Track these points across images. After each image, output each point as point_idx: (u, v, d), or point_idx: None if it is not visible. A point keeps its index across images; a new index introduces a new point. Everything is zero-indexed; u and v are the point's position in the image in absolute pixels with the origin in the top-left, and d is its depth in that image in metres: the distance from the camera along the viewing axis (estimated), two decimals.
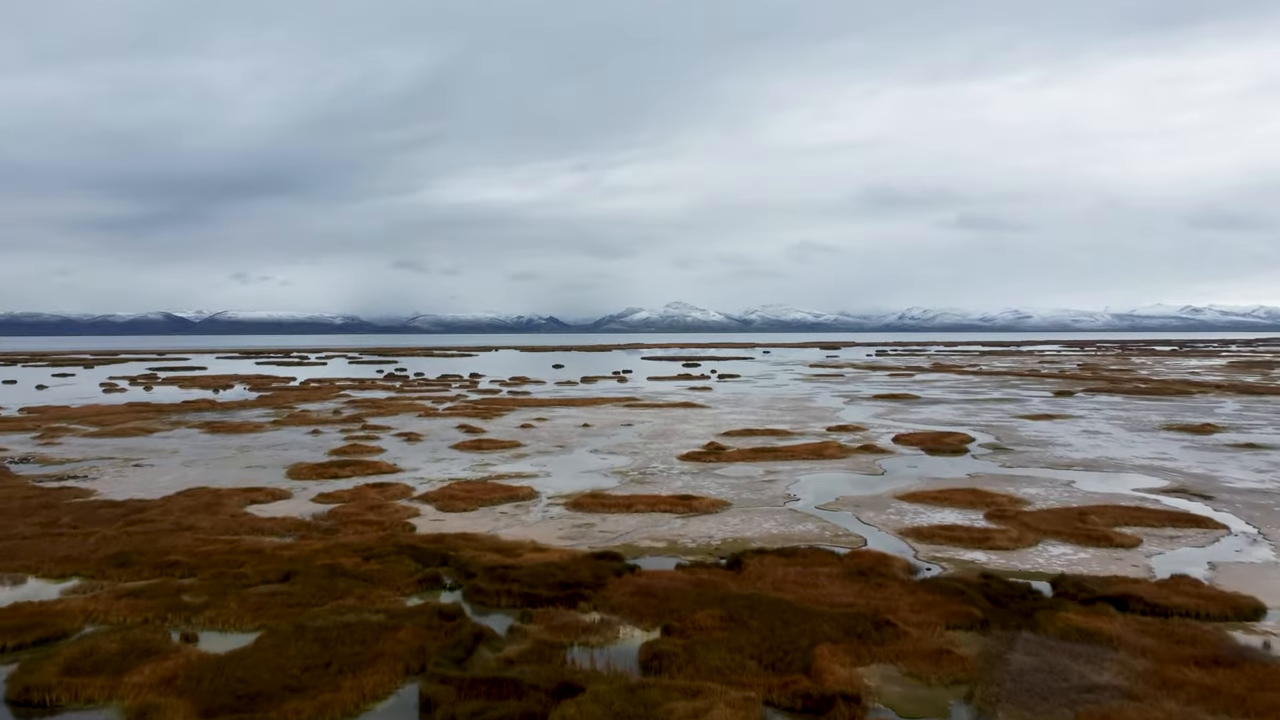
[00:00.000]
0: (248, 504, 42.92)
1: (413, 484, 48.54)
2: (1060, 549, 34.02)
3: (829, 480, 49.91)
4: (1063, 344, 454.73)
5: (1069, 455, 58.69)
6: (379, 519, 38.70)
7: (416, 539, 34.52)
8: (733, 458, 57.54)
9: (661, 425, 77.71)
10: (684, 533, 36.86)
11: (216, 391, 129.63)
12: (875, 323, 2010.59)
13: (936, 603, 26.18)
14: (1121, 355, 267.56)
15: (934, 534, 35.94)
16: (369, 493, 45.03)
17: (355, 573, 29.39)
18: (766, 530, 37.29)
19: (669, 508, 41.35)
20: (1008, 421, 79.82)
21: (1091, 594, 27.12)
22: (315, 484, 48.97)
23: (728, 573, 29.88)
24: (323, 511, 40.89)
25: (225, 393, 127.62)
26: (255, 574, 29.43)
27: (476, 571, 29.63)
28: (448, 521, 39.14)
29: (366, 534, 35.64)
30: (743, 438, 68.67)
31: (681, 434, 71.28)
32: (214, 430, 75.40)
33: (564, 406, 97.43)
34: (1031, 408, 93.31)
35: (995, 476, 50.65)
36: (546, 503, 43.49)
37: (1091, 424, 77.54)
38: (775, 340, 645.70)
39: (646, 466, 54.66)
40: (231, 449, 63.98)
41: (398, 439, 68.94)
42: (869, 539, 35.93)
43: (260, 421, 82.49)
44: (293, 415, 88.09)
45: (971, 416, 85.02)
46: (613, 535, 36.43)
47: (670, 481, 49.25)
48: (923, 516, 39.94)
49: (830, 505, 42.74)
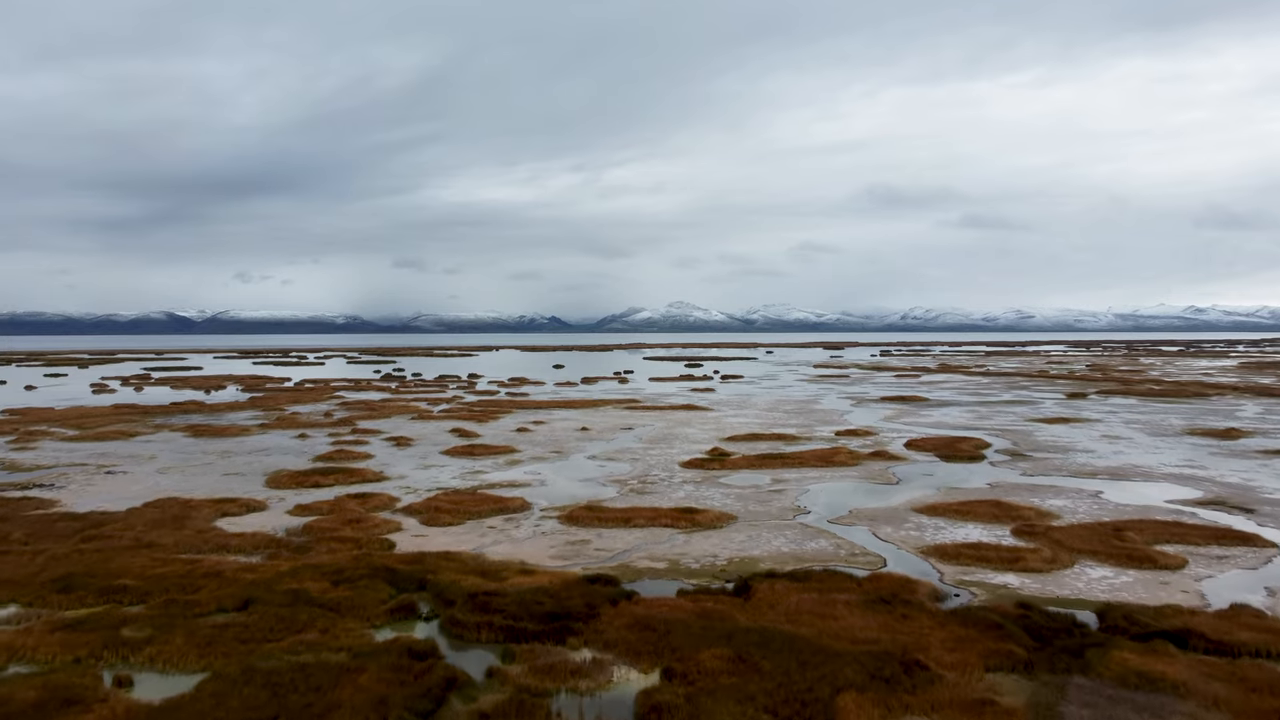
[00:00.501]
0: (218, 517, 39.98)
1: (397, 494, 45.59)
2: (1099, 571, 31.02)
3: (840, 490, 46.92)
4: (1067, 344, 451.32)
5: (1092, 463, 55.65)
6: (356, 535, 35.74)
7: (394, 559, 31.55)
8: (737, 465, 54.57)
9: (663, 429, 74.75)
10: (686, 551, 33.89)
11: (208, 392, 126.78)
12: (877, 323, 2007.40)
13: (971, 638, 23.20)
14: (1129, 356, 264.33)
15: (959, 553, 32.93)
16: (349, 504, 42.08)
17: (321, 600, 26.43)
18: (776, 548, 34.31)
19: (670, 522, 38.37)
20: (1023, 425, 76.78)
21: (1145, 628, 24.14)
22: (294, 494, 46.02)
23: (735, 600, 26.91)
24: (297, 526, 37.94)
25: (217, 394, 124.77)
26: (211, 601, 26.49)
27: (456, 598, 26.67)
28: (430, 537, 36.18)
29: (340, 552, 32.68)
30: (747, 443, 65.69)
31: (683, 439, 68.32)
32: (197, 434, 72.49)
33: (562, 409, 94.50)
34: (1045, 411, 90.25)
35: (1017, 486, 47.62)
36: (539, 516, 40.53)
37: (1110, 428, 74.50)
38: (777, 340, 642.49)
39: (647, 475, 51.71)
40: (212, 454, 61.05)
41: (387, 443, 66.01)
42: (888, 559, 32.94)
43: (247, 424, 79.58)
44: (281, 418, 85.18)
45: (984, 420, 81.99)
46: (609, 554, 33.46)
47: (672, 492, 46.29)
48: (945, 532, 36.94)
49: (844, 519, 39.75)
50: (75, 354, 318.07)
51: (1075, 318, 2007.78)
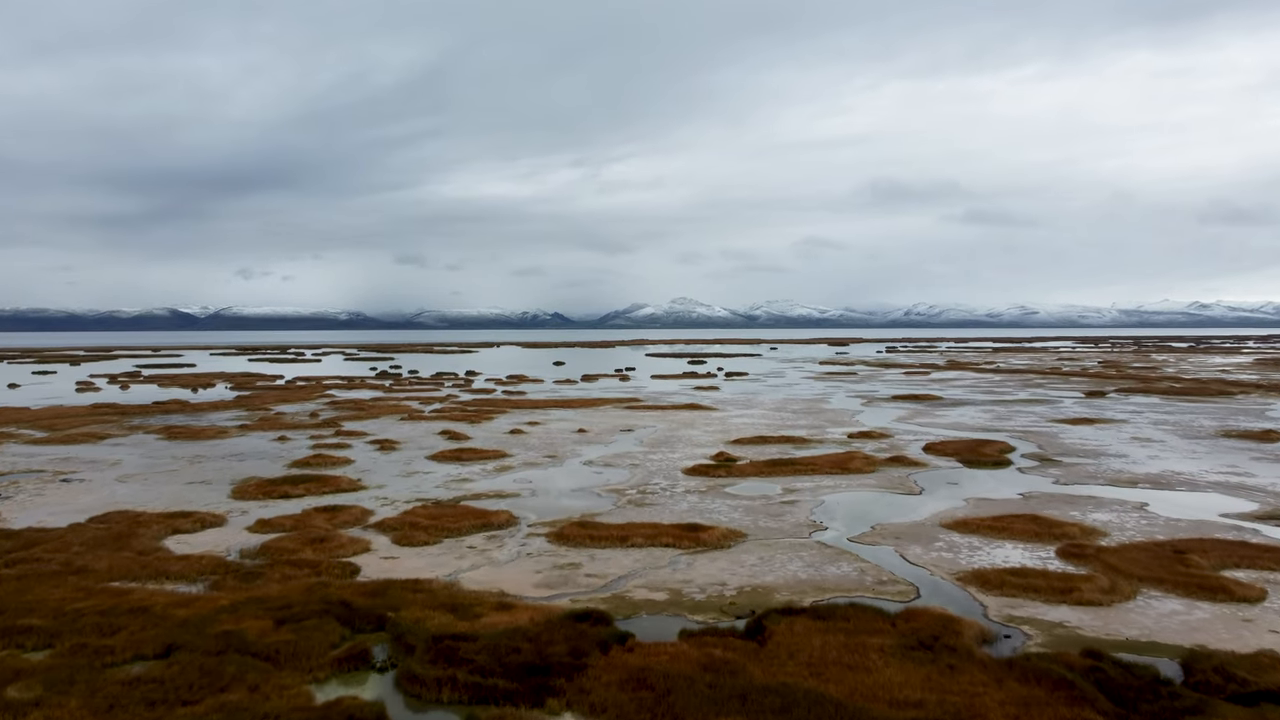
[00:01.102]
0: (168, 534, 35.89)
1: (372, 506, 41.47)
2: (1167, 604, 26.84)
3: (859, 501, 42.76)
4: (1075, 340, 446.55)
5: (1129, 469, 51.43)
6: (317, 557, 31.62)
7: (353, 589, 27.42)
8: (745, 471, 50.42)
9: (665, 431, 70.60)
10: (690, 578, 29.73)
11: (195, 391, 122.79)
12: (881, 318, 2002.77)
13: (1038, 700, 19.06)
14: (1140, 352, 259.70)
15: (1003, 581, 28.74)
16: (316, 519, 37.95)
17: (258, 646, 22.32)
18: (792, 574, 30.14)
19: (672, 540, 34.21)
20: (1045, 427, 72.53)
21: (1245, 685, 20.00)
22: (259, 506, 41.91)
23: (748, 646, 22.76)
24: (253, 545, 33.82)
25: (205, 392, 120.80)
26: (128, 647, 22.39)
27: (418, 643, 22.57)
28: (401, 560, 32.06)
29: (294, 581, 28.56)
30: (755, 446, 61.53)
31: (687, 441, 64.16)
32: (172, 436, 68.43)
33: (560, 409, 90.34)
34: (1066, 410, 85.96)
35: (1053, 497, 43.43)
36: (526, 533, 36.38)
37: (1139, 430, 70.23)
38: (781, 336, 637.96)
39: (647, 483, 47.57)
40: (182, 459, 56.98)
41: (370, 447, 61.89)
42: (921, 588, 28.77)
43: (226, 425, 75.51)
44: (265, 418, 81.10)
45: (1003, 420, 77.75)
46: (601, 582, 29.32)
47: (674, 503, 42.15)
48: (981, 554, 32.77)
49: (866, 537, 35.58)
50: (71, 350, 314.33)
51: (1079, 314, 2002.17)
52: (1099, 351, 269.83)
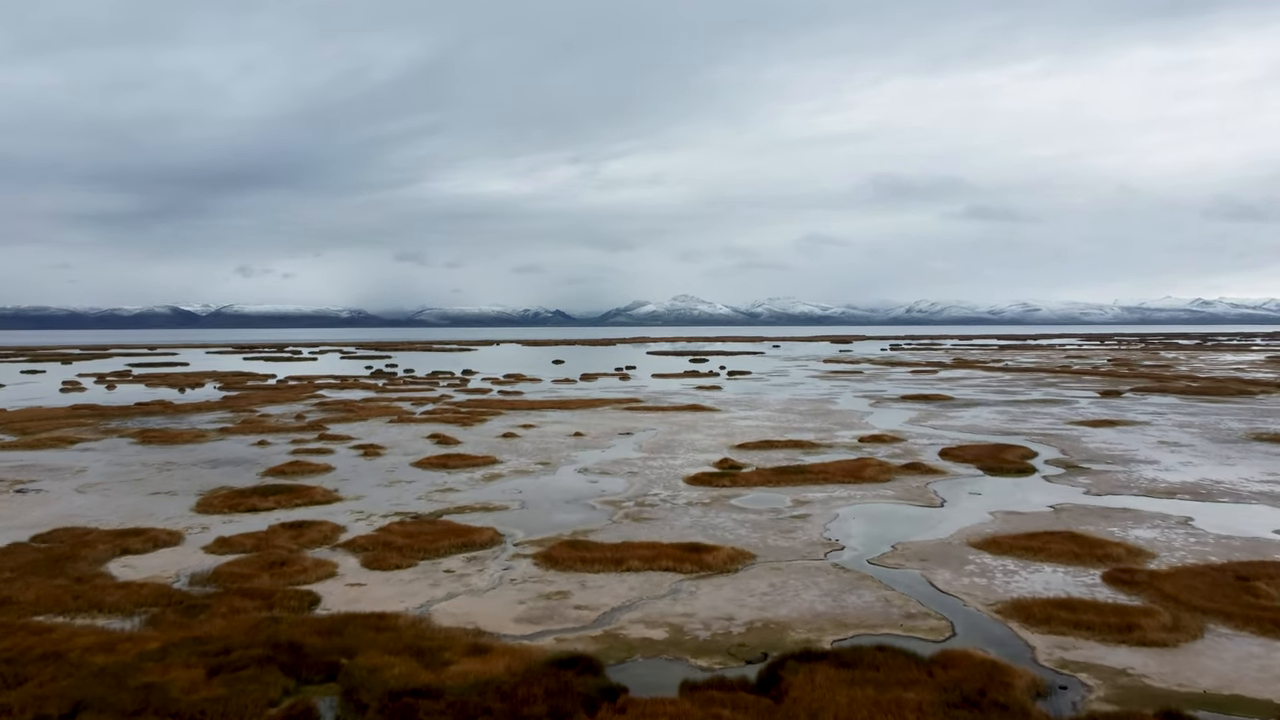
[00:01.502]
0: (115, 556, 32.45)
1: (345, 521, 38.03)
2: (1241, 644, 23.35)
3: (876, 515, 39.28)
4: (1080, 337, 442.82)
5: (1163, 477, 47.92)
6: (273, 585, 28.18)
7: (307, 627, 23.97)
8: (751, 480, 46.94)
9: (665, 434, 67.13)
10: (693, 610, 26.27)
11: (182, 391, 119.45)
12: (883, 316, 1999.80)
13: None
14: (1148, 350, 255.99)
15: (1049, 614, 25.24)
16: (281, 537, 34.50)
17: (182, 704, 18.89)
18: (808, 606, 26.67)
19: (672, 564, 30.73)
20: (1065, 429, 69.02)
21: None
22: (222, 521, 38.48)
23: (761, 702, 19.30)
24: (206, 570, 30.38)
25: (193, 392, 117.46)
26: (28, 706, 18.96)
27: (373, 700, 19.14)
28: (369, 588, 28.60)
29: (242, 615, 25.12)
30: (761, 451, 58.06)
31: (688, 446, 60.70)
32: (147, 440, 65.01)
33: (556, 410, 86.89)
34: (1084, 412, 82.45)
35: (1087, 510, 39.94)
36: (511, 553, 32.93)
37: (1163, 432, 66.72)
38: (783, 333, 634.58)
39: (645, 494, 44.11)
40: (153, 466, 53.57)
41: (353, 452, 58.45)
42: (956, 621, 25.30)
43: (206, 428, 72.11)
44: (247, 421, 77.67)
45: (1019, 423, 74.24)
46: (592, 615, 25.86)
47: (675, 517, 38.69)
48: (1019, 579, 29.29)
49: (888, 558, 32.11)
50: (66, 349, 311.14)
51: (1081, 310, 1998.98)
52: (1106, 349, 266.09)
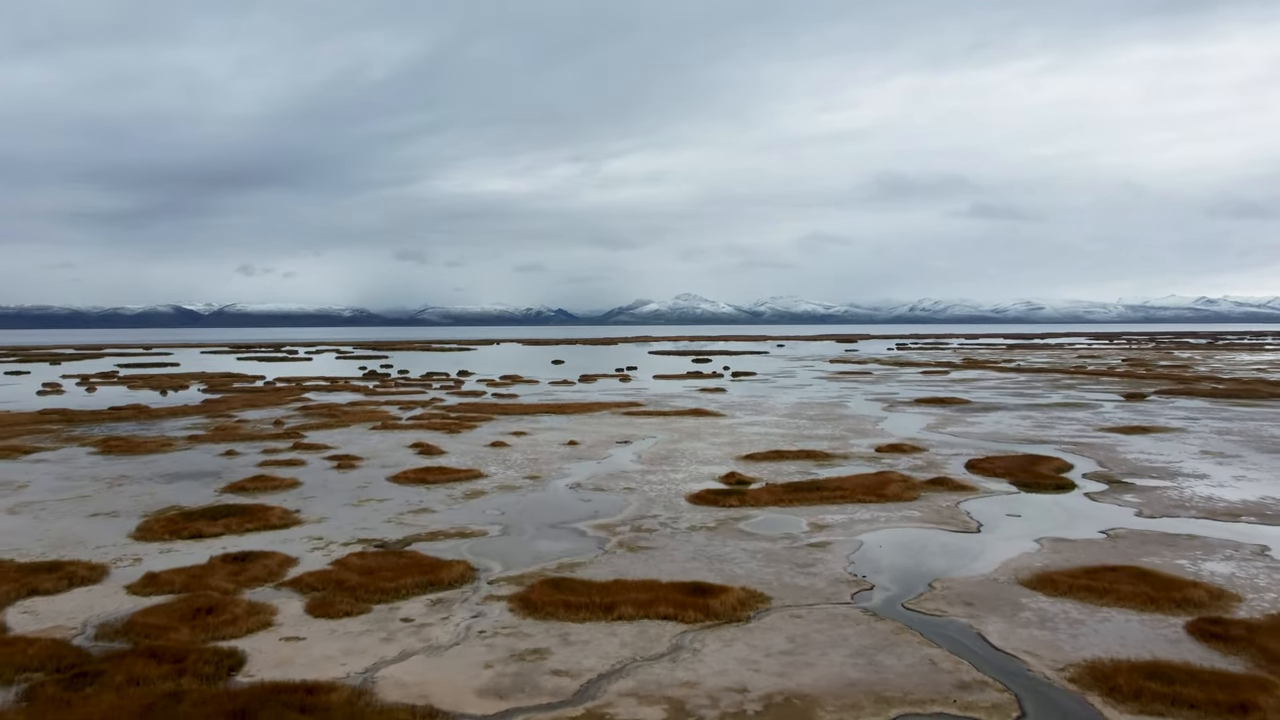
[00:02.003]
0: (21, 596, 27.64)
1: (298, 551, 33.26)
2: None
3: (906, 543, 34.48)
4: (1088, 336, 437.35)
5: (1220, 495, 43.06)
6: (190, 641, 23.39)
7: (214, 707, 19.12)
8: (761, 499, 42.13)
9: (666, 443, 62.31)
10: (696, 677, 21.44)
11: (164, 394, 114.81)
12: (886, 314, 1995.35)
13: None
14: (1160, 349, 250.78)
15: (1138, 687, 20.37)
16: (219, 574, 29.70)
17: None
18: (838, 670, 21.84)
19: (673, 610, 25.91)
20: (1096, 437, 64.13)
21: None
22: (159, 550, 33.73)
23: None
24: (120, 617, 25.58)
25: (176, 394, 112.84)
26: None
27: None
28: (307, 644, 23.80)
29: (140, 688, 20.30)
30: (771, 463, 53.28)
31: (691, 456, 55.90)
32: (108, 450, 60.25)
33: (552, 415, 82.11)
34: (1112, 417, 77.56)
35: (1144, 537, 35.11)
36: (483, 594, 28.14)
37: (1204, 441, 61.81)
38: (786, 332, 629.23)
39: (643, 516, 39.32)
40: (103, 481, 48.85)
41: (327, 464, 53.68)
42: (1022, 695, 20.43)
43: (175, 436, 67.37)
44: (221, 427, 72.92)
45: (1045, 429, 69.36)
46: (573, 685, 21.04)
47: (675, 546, 33.91)
48: (1087, 631, 24.43)
49: (926, 601, 27.28)
50: (61, 348, 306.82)
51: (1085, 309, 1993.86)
52: (1117, 349, 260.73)
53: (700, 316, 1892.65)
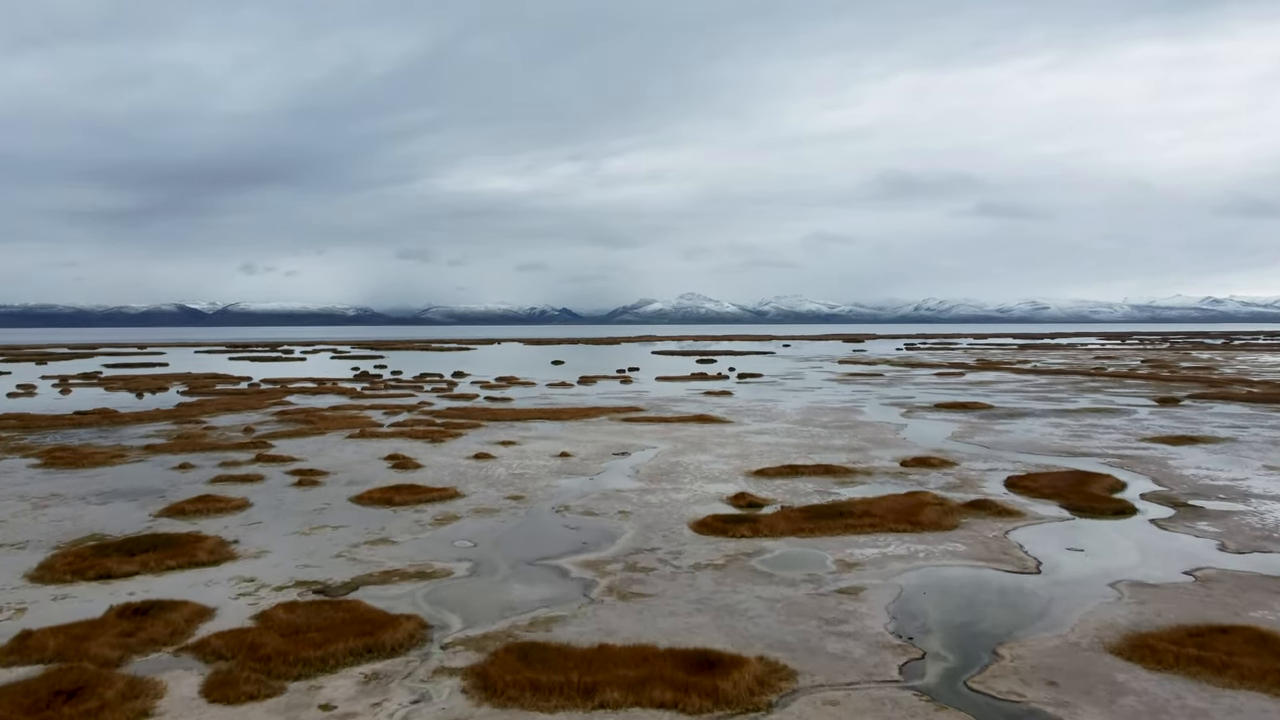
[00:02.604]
0: None
1: (219, 599, 27.45)
2: None
3: (954, 588, 28.59)
4: (1100, 336, 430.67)
5: None
6: None
7: None
8: (776, 527, 36.25)
9: (668, 455, 56.46)
10: None
11: (140, 396, 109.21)
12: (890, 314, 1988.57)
13: None
14: (1178, 350, 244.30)
15: None
16: (107, 634, 23.88)
17: None
18: None
19: (671, 695, 20.03)
20: (1142, 449, 58.17)
21: None
22: (51, 597, 27.93)
23: None
24: None
25: (153, 397, 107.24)
26: None
27: None
28: None
29: None
30: (785, 480, 47.43)
31: (695, 471, 50.07)
32: (51, 462, 54.52)
33: (546, 421, 76.29)
34: (1150, 424, 71.57)
35: (1241, 580, 29.17)
36: (433, 665, 22.29)
37: (1261, 454, 55.77)
38: (791, 332, 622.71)
39: (639, 549, 33.49)
40: (30, 500, 43.09)
41: (287, 480, 47.91)
42: None
43: (131, 446, 61.63)
44: (185, 435, 67.15)
45: (1081, 439, 63.41)
46: None
47: (676, 592, 28.06)
48: None
49: (995, 678, 21.38)
50: (53, 347, 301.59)
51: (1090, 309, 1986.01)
52: (1130, 348, 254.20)
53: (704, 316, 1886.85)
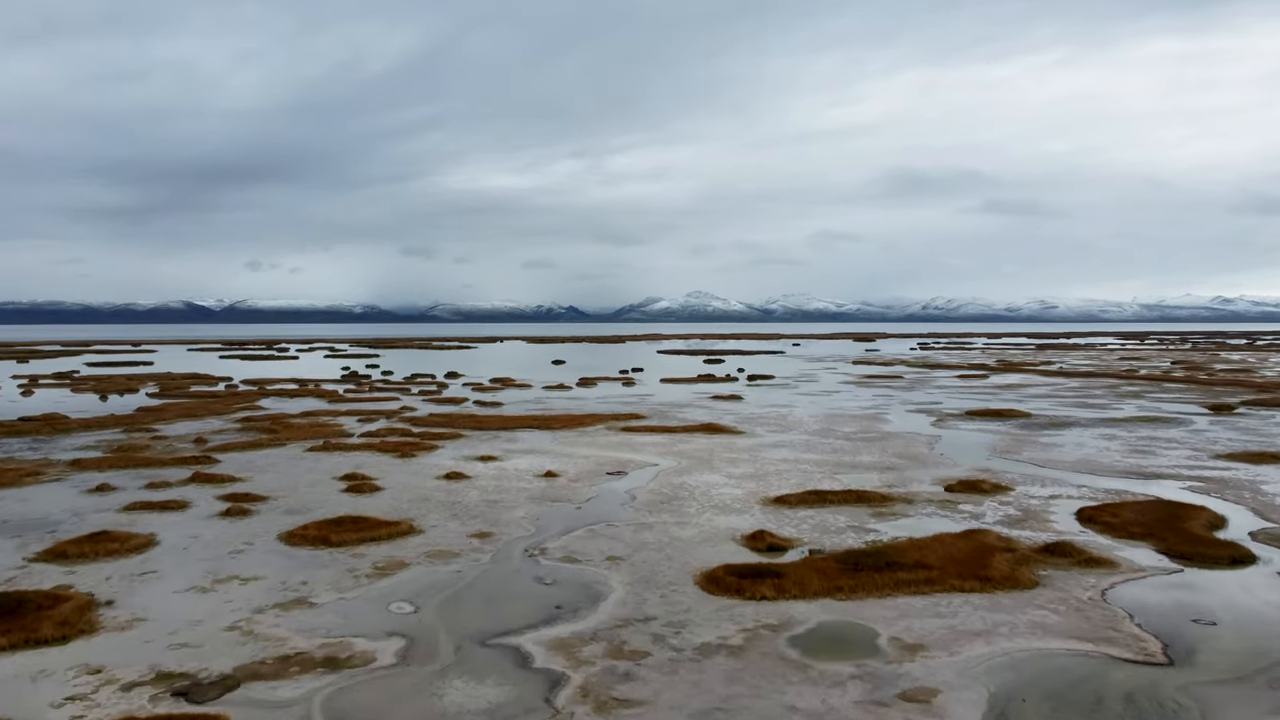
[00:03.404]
0: None
1: (27, 712, 19.59)
2: None
3: (1059, 689, 20.59)
4: (1116, 336, 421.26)
5: None
6: None
7: None
8: (808, 583, 28.24)
9: (671, 474, 48.52)
10: None
11: (104, 399, 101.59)
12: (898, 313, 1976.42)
13: None
14: (1200, 349, 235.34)
15: None
16: None
17: None
18: None
19: None
20: (1220, 468, 50.05)
21: None
22: None
23: None
24: None
25: (118, 399, 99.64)
26: None
27: None
28: None
29: None
30: (810, 510, 39.44)
31: (704, 499, 42.12)
32: None
33: (535, 430, 68.35)
34: (1216, 437, 63.33)
35: None
36: None
37: None
38: (798, 330, 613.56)
39: (629, 619, 25.49)
40: None
41: (214, 507, 40.02)
42: None
43: (57, 460, 53.87)
44: (124, 448, 59.34)
45: (1145, 456, 55.29)
46: None
47: (677, 698, 20.10)
48: None
49: None
50: (47, 344, 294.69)
51: (1100, 308, 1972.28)
52: (1155, 349, 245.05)
53: (712, 314, 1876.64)
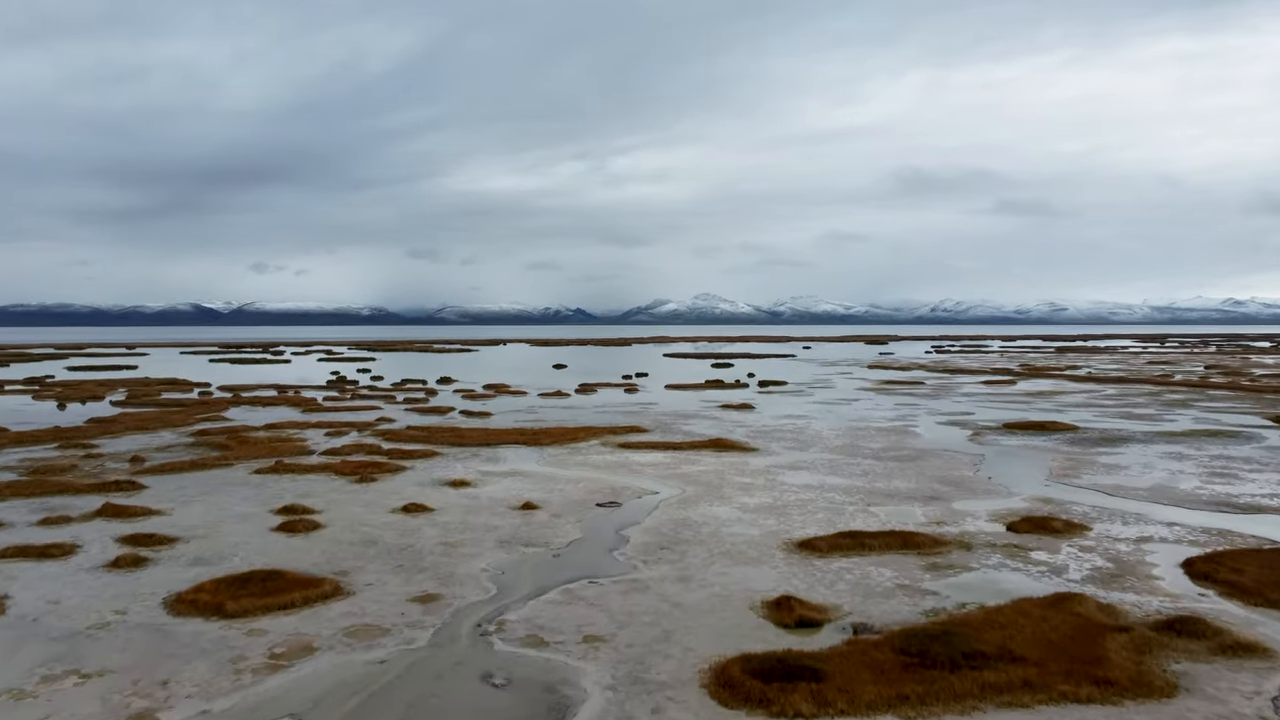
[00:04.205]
0: None
1: None
2: None
3: None
4: (1135, 339, 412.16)
5: None
6: None
7: None
8: (857, 690, 20.24)
9: (674, 507, 40.53)
10: None
11: (63, 406, 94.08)
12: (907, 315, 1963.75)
13: None
14: (1226, 353, 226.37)
15: None
16: None
17: None
18: None
19: None
20: None
21: None
22: None
23: None
24: None
25: (78, 407, 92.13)
26: None
27: None
28: None
29: None
30: (846, 560, 31.43)
31: (713, 543, 34.13)
32: None
33: (520, 446, 60.41)
34: None
35: None
36: None
37: None
38: (806, 333, 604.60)
39: None
40: None
41: (103, 554, 32.16)
42: None
43: None
44: (39, 470, 51.56)
45: (1228, 481, 47.17)
46: None
47: None
48: None
49: None
50: (37, 347, 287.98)
51: (1110, 310, 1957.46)
52: (1178, 351, 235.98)
53: (719, 316, 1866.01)
